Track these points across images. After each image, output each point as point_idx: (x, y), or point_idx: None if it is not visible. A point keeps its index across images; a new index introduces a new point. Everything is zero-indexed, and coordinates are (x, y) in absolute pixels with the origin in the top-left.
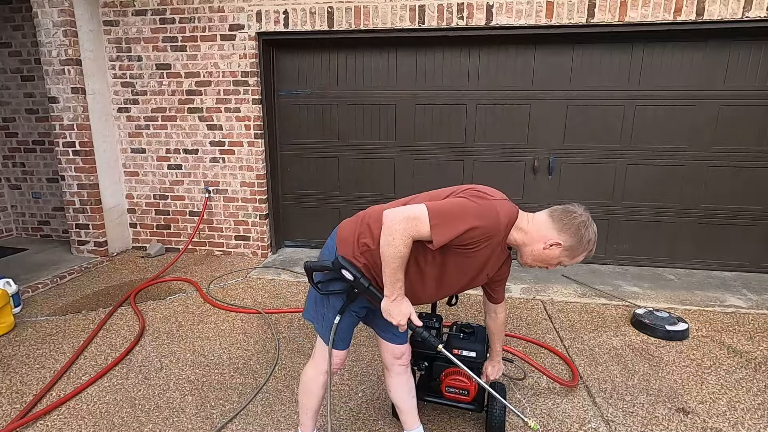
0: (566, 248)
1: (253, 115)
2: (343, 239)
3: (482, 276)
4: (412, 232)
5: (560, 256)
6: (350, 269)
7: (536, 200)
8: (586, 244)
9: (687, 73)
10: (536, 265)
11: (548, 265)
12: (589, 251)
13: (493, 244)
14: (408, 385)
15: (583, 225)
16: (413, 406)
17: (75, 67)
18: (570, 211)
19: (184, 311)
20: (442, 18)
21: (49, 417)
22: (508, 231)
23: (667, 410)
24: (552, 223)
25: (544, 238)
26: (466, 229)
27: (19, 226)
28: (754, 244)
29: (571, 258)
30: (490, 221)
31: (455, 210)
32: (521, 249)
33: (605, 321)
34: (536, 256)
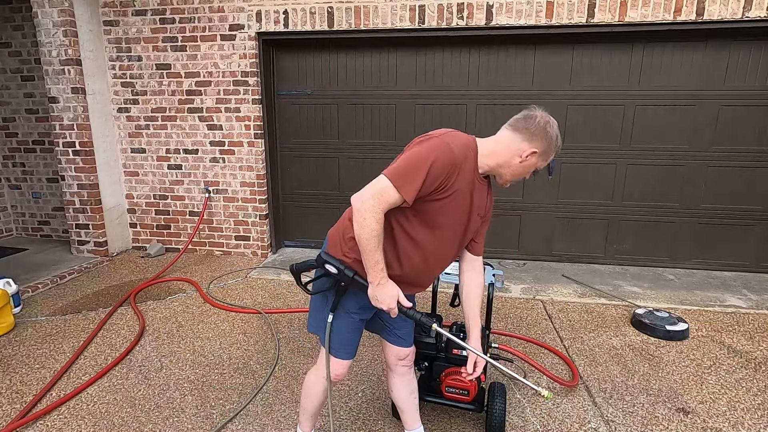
0: (541, 153)
1: (253, 115)
2: (332, 240)
3: (474, 217)
4: (382, 204)
5: (536, 161)
6: (333, 262)
7: (536, 200)
8: (556, 141)
9: (687, 73)
10: (514, 179)
11: (525, 176)
12: (558, 148)
13: (465, 176)
14: (410, 386)
15: (548, 125)
16: (415, 406)
17: (75, 67)
18: (531, 117)
19: (184, 311)
20: (442, 18)
21: (49, 417)
22: (470, 157)
23: (667, 410)
24: (519, 134)
25: (518, 152)
26: (427, 170)
27: (19, 226)
28: (754, 244)
29: (545, 160)
30: (443, 152)
31: (409, 162)
32: (498, 171)
33: (605, 321)
34: (515, 171)
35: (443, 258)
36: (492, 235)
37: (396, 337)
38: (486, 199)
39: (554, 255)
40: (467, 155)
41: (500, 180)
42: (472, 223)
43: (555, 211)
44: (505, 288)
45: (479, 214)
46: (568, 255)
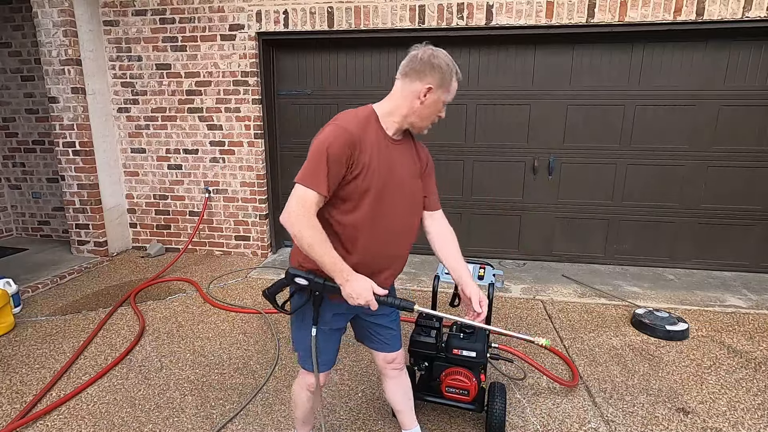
0: (438, 86)
1: (253, 115)
2: (292, 254)
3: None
4: (307, 209)
5: (439, 97)
6: (301, 274)
7: (536, 200)
8: (448, 67)
9: (687, 73)
10: (429, 122)
11: (438, 115)
12: (456, 73)
13: (371, 146)
14: (403, 387)
15: (432, 57)
16: (410, 407)
17: (75, 67)
18: (413, 57)
19: (184, 311)
20: (442, 18)
21: (49, 417)
22: (371, 126)
23: (667, 410)
24: (409, 78)
25: (415, 95)
26: (326, 159)
27: (19, 226)
28: (754, 244)
29: (448, 90)
30: (336, 136)
31: (309, 158)
32: (408, 120)
33: (605, 321)
34: (421, 114)
35: (398, 231)
36: (492, 235)
37: (380, 343)
38: (415, 157)
39: (554, 255)
40: (366, 126)
41: (415, 129)
42: (408, 185)
43: (555, 211)
44: (505, 288)
45: (413, 176)
46: (568, 255)
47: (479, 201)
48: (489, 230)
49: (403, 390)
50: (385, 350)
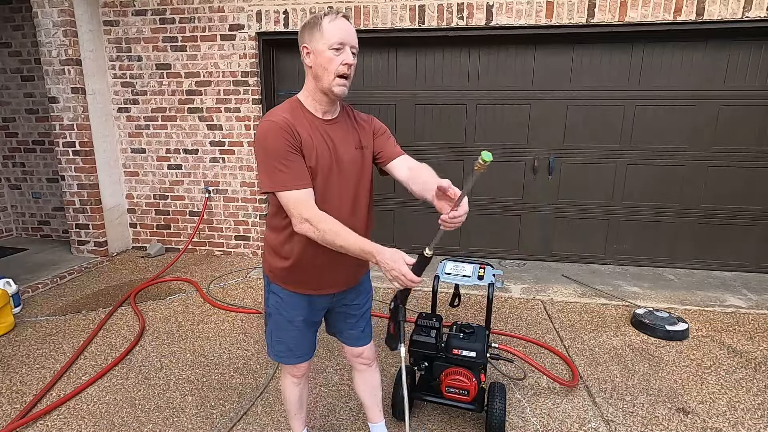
0: (308, 38)
1: (253, 115)
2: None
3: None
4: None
5: (319, 46)
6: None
7: (536, 200)
8: (314, 17)
9: (687, 73)
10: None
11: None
12: (323, 15)
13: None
14: (370, 382)
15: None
16: (375, 402)
17: (75, 67)
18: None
19: (184, 311)
20: (442, 18)
21: (49, 417)
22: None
23: (667, 410)
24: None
25: (307, 66)
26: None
27: (19, 226)
28: (754, 244)
29: (321, 35)
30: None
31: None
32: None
33: (605, 321)
34: (316, 74)
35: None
36: (492, 235)
37: (348, 336)
38: (354, 130)
39: (554, 255)
40: (293, 113)
41: (331, 94)
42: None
43: (555, 211)
44: (505, 288)
45: (356, 147)
46: (568, 255)
47: (479, 201)
48: (489, 230)
49: (370, 385)
50: (353, 344)
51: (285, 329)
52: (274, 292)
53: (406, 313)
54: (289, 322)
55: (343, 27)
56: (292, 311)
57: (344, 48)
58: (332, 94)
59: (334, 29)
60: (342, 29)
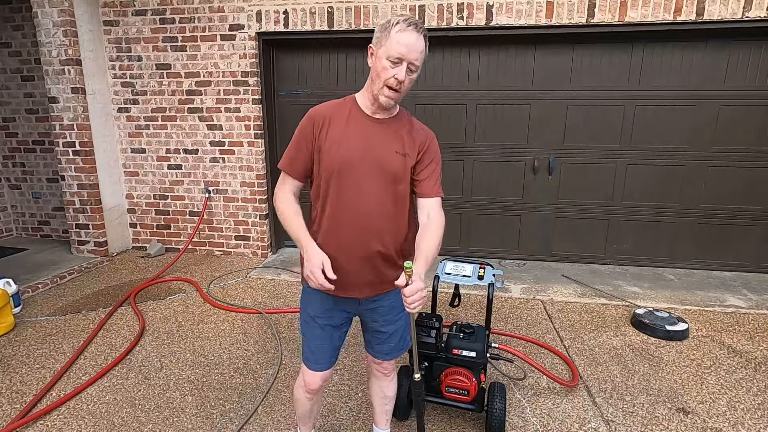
0: (376, 43)
1: (253, 115)
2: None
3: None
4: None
5: (380, 50)
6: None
7: (536, 200)
8: (387, 22)
9: (687, 73)
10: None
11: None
12: (398, 21)
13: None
14: (384, 392)
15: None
16: (385, 411)
17: (75, 67)
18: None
19: (184, 311)
20: (442, 18)
21: (49, 417)
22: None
23: (667, 410)
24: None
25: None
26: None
27: (19, 226)
28: (754, 244)
29: (387, 43)
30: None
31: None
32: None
33: (605, 321)
34: (372, 76)
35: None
36: (492, 235)
37: (377, 352)
38: (403, 137)
39: (554, 255)
40: (340, 106)
41: (378, 99)
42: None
43: (555, 211)
44: (505, 288)
45: (397, 151)
46: (568, 255)
47: (479, 201)
48: (489, 230)
49: (385, 394)
50: (377, 357)
51: (311, 329)
52: (304, 287)
53: None
54: (312, 320)
55: (408, 42)
56: (322, 313)
57: (401, 63)
58: (377, 101)
59: (397, 43)
60: (405, 45)
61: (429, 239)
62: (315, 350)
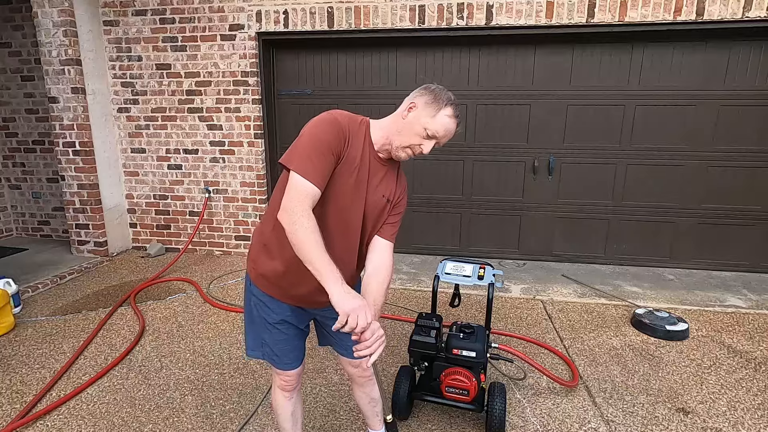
0: (423, 104)
1: (253, 115)
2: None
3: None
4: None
5: (422, 118)
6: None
7: (536, 200)
8: (443, 94)
9: (687, 73)
10: (405, 144)
11: (420, 146)
12: (450, 104)
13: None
14: (370, 395)
15: (432, 85)
16: (375, 413)
17: (75, 67)
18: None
19: (184, 311)
20: (442, 18)
21: (49, 417)
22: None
23: (667, 410)
24: (403, 102)
25: (400, 112)
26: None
27: (19, 226)
28: (754, 244)
29: (433, 115)
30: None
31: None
32: (389, 138)
33: (605, 321)
34: (400, 130)
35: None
36: (492, 235)
37: (345, 347)
38: (394, 184)
39: (554, 255)
40: (357, 127)
41: (393, 151)
42: (371, 199)
43: (555, 211)
44: (505, 288)
45: (384, 195)
46: (568, 255)
47: (479, 201)
48: (489, 230)
49: (369, 398)
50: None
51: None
52: (253, 293)
53: (406, 313)
54: (270, 325)
55: (449, 129)
56: (278, 318)
57: (432, 140)
58: (394, 153)
59: (441, 125)
60: (446, 129)
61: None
62: (280, 353)
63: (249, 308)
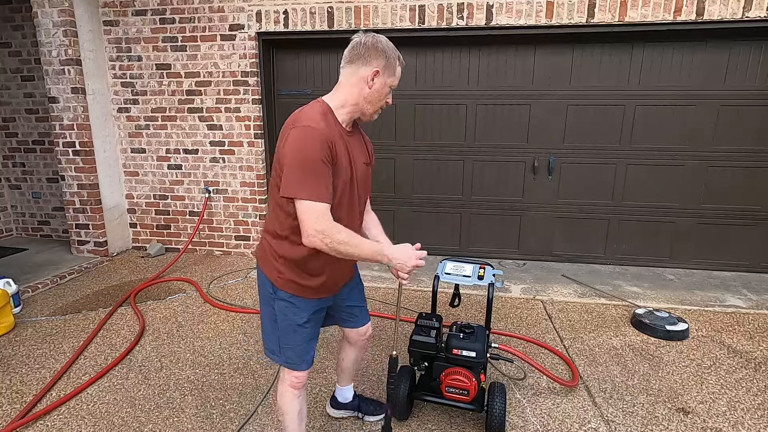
0: (384, 68)
1: (253, 115)
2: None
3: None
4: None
5: (386, 80)
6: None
7: (536, 200)
8: (393, 51)
9: (687, 73)
10: (377, 107)
11: (386, 101)
12: (399, 58)
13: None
14: (361, 356)
15: (376, 42)
16: (353, 372)
17: (75, 67)
18: (356, 44)
19: (184, 311)
20: (442, 18)
21: (49, 417)
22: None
23: (667, 410)
24: (354, 65)
25: (363, 80)
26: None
27: (19, 226)
28: (754, 244)
29: (393, 73)
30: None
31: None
32: (359, 108)
33: (605, 321)
34: (371, 99)
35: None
36: (492, 235)
37: (355, 321)
38: (364, 147)
39: (554, 255)
40: (328, 122)
41: (365, 117)
42: (363, 174)
43: (555, 211)
44: (505, 288)
45: (364, 162)
46: (568, 255)
47: (479, 201)
48: (489, 230)
49: (360, 359)
50: (359, 325)
51: (299, 335)
52: (283, 298)
53: (406, 313)
54: (300, 326)
55: (399, 75)
56: (309, 315)
57: (392, 90)
58: (366, 119)
59: (398, 75)
60: (399, 77)
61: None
62: (302, 352)
63: (271, 314)
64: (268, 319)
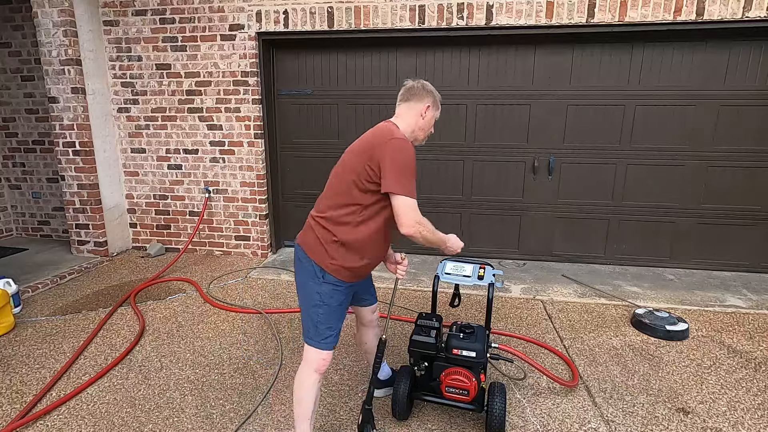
0: (433, 104)
1: (253, 115)
2: (315, 250)
3: None
4: (419, 214)
5: (434, 114)
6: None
7: (536, 200)
8: (437, 93)
9: (687, 73)
10: (426, 135)
11: (431, 129)
12: (440, 98)
13: None
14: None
15: (426, 84)
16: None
17: (75, 67)
18: (411, 87)
19: (184, 311)
20: (442, 18)
21: (49, 417)
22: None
23: (667, 410)
24: (412, 102)
25: (417, 113)
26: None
27: (19, 226)
28: (754, 244)
29: (438, 108)
30: (412, 149)
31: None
32: (413, 135)
33: (605, 321)
34: (423, 127)
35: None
36: (492, 235)
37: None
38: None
39: (554, 255)
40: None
41: (416, 142)
42: None
43: (555, 211)
44: (505, 288)
45: None
46: (568, 255)
47: (479, 201)
48: (489, 230)
49: (377, 333)
50: (372, 302)
51: (336, 314)
52: (330, 282)
53: (406, 313)
54: (339, 305)
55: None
56: (345, 297)
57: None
58: (419, 142)
59: (440, 110)
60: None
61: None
62: (336, 327)
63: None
64: (311, 309)
